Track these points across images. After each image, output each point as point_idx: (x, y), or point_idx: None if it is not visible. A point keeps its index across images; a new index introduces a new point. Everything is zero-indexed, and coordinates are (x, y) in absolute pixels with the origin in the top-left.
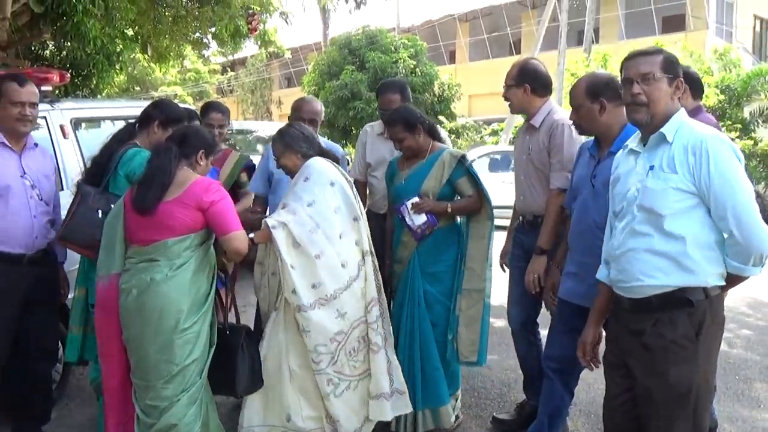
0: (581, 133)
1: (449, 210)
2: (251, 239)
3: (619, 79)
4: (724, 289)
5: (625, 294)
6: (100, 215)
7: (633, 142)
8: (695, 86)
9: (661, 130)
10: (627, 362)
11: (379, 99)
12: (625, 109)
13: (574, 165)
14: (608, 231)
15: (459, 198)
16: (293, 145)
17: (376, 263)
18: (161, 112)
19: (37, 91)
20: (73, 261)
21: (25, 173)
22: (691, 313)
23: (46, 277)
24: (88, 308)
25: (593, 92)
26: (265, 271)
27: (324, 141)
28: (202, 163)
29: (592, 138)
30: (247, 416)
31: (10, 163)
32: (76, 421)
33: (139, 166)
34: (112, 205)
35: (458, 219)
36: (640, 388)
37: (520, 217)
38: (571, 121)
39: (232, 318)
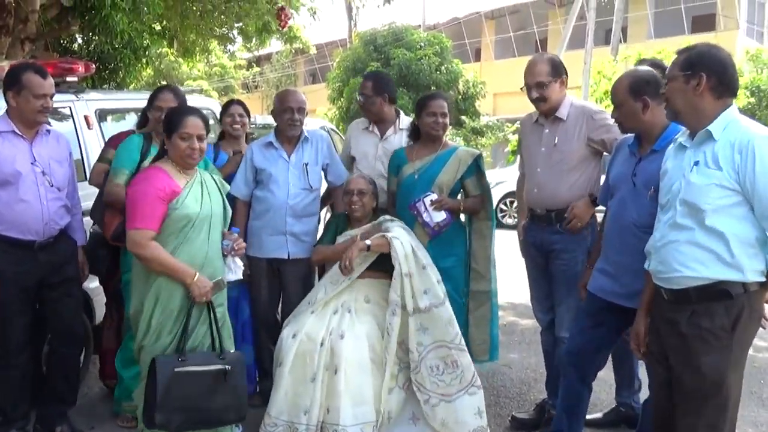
0: (623, 131)
1: (462, 208)
2: (368, 246)
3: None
4: (765, 286)
5: (664, 285)
6: None
7: (682, 136)
8: None
9: (708, 127)
10: (666, 353)
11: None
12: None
13: (610, 161)
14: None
15: (464, 195)
16: (376, 193)
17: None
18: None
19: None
20: None
21: (35, 160)
22: (728, 306)
23: (60, 263)
24: None
25: (636, 90)
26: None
27: (337, 164)
28: None
29: (632, 135)
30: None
31: (20, 151)
32: (96, 412)
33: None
34: None
35: (462, 217)
36: (675, 376)
37: (530, 212)
38: (612, 120)
39: None
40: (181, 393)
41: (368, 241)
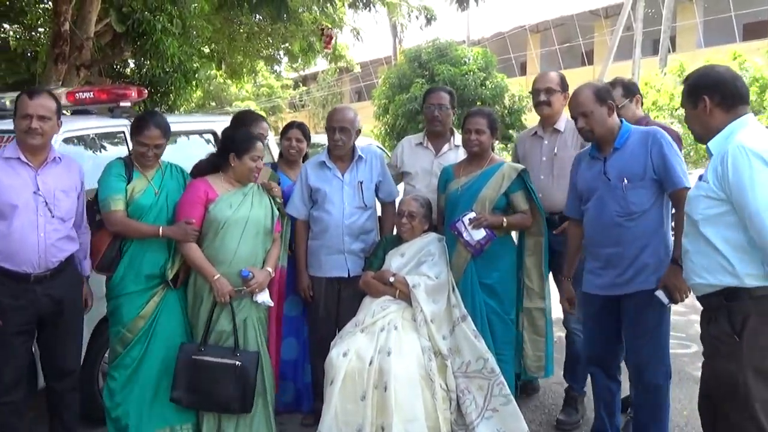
0: (588, 139)
1: (504, 224)
2: (390, 283)
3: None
4: None
5: (693, 292)
6: None
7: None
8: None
9: (708, 143)
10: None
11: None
12: None
13: (574, 175)
14: None
15: (512, 211)
16: (430, 216)
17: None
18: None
19: (50, 104)
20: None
21: (39, 189)
22: (730, 311)
23: (60, 297)
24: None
25: (601, 97)
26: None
27: (388, 181)
28: None
29: (588, 146)
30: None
31: (21, 180)
32: None
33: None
34: None
35: (511, 231)
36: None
37: None
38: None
39: None
40: (194, 377)
41: (392, 279)
